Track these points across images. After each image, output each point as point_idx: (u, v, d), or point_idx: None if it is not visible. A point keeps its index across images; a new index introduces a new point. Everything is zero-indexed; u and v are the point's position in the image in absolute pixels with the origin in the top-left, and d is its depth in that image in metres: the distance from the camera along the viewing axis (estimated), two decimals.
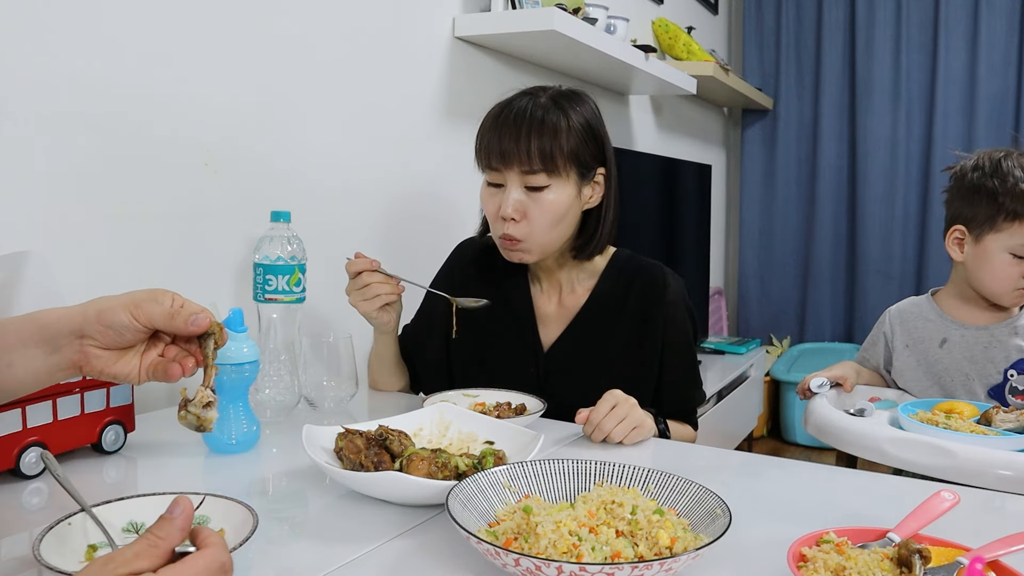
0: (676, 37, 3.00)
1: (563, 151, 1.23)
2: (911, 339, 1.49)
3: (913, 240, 3.68)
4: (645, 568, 0.64)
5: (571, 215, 1.29)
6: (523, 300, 1.40)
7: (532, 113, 1.24)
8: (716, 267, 3.94)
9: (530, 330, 1.38)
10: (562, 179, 1.25)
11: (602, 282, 1.38)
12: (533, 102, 1.26)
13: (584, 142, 1.26)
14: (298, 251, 1.23)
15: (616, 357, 1.34)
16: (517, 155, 1.23)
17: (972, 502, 0.90)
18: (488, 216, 1.32)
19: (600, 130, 1.31)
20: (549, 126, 1.23)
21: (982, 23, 3.47)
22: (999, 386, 1.39)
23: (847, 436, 1.25)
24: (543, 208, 1.25)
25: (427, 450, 0.91)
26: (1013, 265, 1.38)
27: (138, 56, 1.24)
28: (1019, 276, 1.38)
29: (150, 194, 1.28)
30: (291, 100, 1.52)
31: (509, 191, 1.25)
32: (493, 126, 1.27)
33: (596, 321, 1.36)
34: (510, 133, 1.24)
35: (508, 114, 1.26)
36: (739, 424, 3.21)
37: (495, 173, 1.27)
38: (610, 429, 1.11)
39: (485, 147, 1.27)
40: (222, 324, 0.77)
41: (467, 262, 1.46)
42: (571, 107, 1.27)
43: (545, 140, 1.23)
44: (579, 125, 1.26)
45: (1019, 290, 1.39)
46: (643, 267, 1.38)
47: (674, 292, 1.36)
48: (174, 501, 0.58)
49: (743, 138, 4.04)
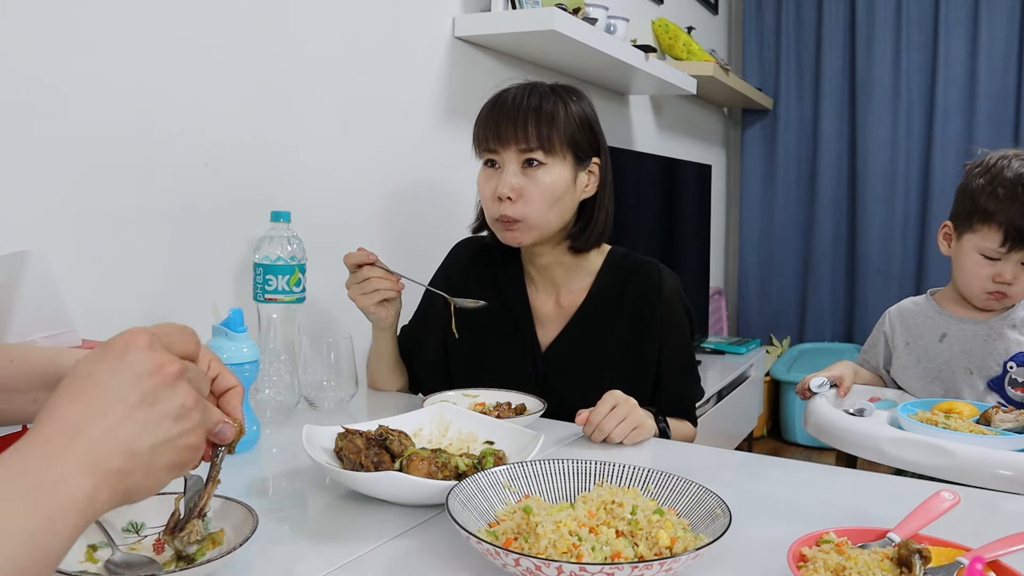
0: (676, 37, 3.00)
1: (560, 133, 1.26)
2: (911, 336, 1.50)
3: (913, 240, 3.67)
4: (645, 568, 0.64)
5: (567, 198, 1.30)
6: (520, 301, 1.40)
7: (530, 99, 1.27)
8: (716, 267, 3.94)
9: (528, 331, 1.38)
10: (558, 159, 1.27)
11: (599, 280, 1.38)
12: (531, 89, 1.29)
13: (580, 129, 1.29)
14: (298, 251, 1.23)
15: (614, 355, 1.35)
16: (514, 134, 1.25)
17: (972, 502, 0.90)
18: (484, 199, 1.33)
19: (596, 125, 1.34)
20: (547, 111, 1.26)
21: (982, 23, 3.47)
22: (998, 378, 1.40)
23: (847, 436, 1.26)
24: (539, 187, 1.26)
25: (427, 450, 0.91)
26: (982, 266, 1.38)
27: (138, 56, 1.24)
28: (987, 279, 1.38)
29: (150, 194, 1.28)
30: (291, 100, 1.52)
31: (506, 171, 1.27)
32: (491, 111, 1.29)
33: (594, 320, 1.36)
34: (508, 115, 1.26)
35: (506, 99, 1.29)
36: (739, 424, 3.21)
37: (492, 154, 1.29)
38: (610, 429, 1.11)
39: (482, 129, 1.30)
40: (242, 425, 0.68)
41: (464, 263, 1.46)
42: (569, 98, 1.30)
43: (543, 122, 1.25)
44: (576, 114, 1.29)
45: (988, 293, 1.39)
46: (639, 264, 1.38)
47: (670, 288, 1.36)
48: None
49: (743, 138, 4.04)
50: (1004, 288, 1.37)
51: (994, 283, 1.37)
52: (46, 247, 1.05)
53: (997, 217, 1.34)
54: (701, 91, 3.21)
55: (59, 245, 1.15)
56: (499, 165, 1.28)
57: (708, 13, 3.74)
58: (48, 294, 0.98)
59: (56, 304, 0.99)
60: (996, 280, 1.37)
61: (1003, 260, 1.35)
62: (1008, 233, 1.33)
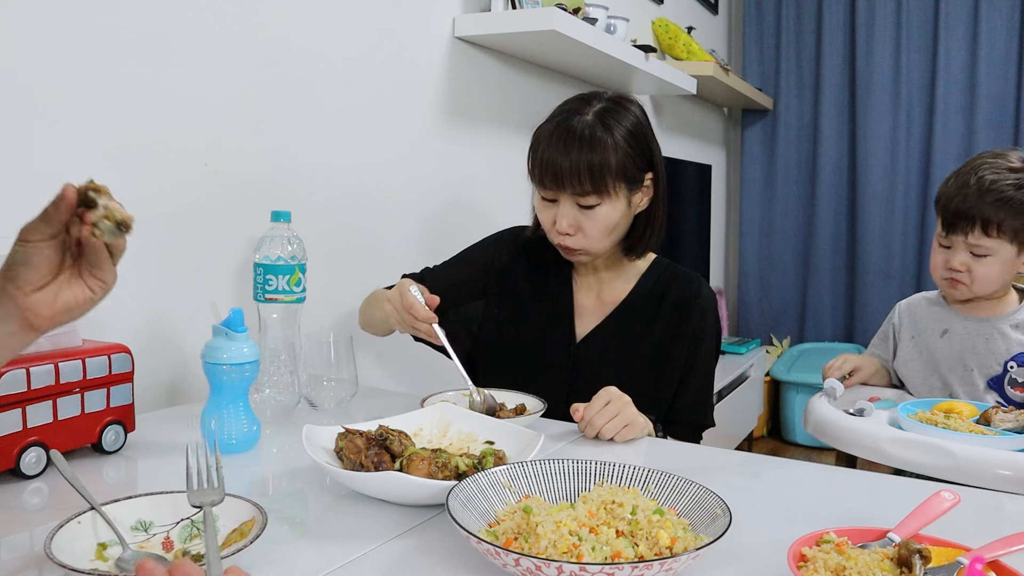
0: (676, 37, 3.00)
1: (611, 170, 1.27)
2: (916, 330, 1.52)
3: (913, 240, 3.68)
4: (645, 568, 0.64)
5: (623, 222, 1.34)
6: (564, 290, 1.43)
7: (580, 133, 1.27)
8: (716, 267, 3.94)
9: (567, 319, 1.41)
10: (612, 196, 1.29)
11: (641, 283, 1.42)
12: (580, 121, 1.28)
13: (630, 156, 1.29)
14: (298, 251, 1.23)
15: (645, 356, 1.37)
16: (568, 179, 1.26)
17: (972, 502, 0.90)
18: (544, 226, 1.36)
19: (645, 136, 1.33)
20: (598, 154, 1.26)
21: (982, 23, 3.47)
22: (998, 377, 1.40)
23: (847, 436, 1.26)
24: (596, 223, 1.29)
25: (427, 450, 0.91)
26: (938, 254, 1.45)
27: (138, 56, 1.24)
28: (941, 266, 1.44)
29: (150, 194, 1.28)
30: (291, 100, 1.52)
31: (563, 208, 1.30)
32: (546, 146, 1.29)
33: (631, 319, 1.39)
34: (560, 155, 1.27)
35: (559, 134, 1.28)
36: (739, 424, 3.22)
37: (548, 192, 1.31)
38: (601, 425, 1.12)
39: (538, 168, 1.30)
40: (98, 185, 0.71)
41: (519, 246, 1.48)
42: (616, 122, 1.29)
43: (595, 162, 1.25)
44: (624, 140, 1.28)
45: (945, 280, 1.45)
46: (680, 273, 1.43)
47: (706, 299, 1.40)
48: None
49: (743, 138, 4.04)
50: (957, 275, 1.42)
51: (947, 269, 1.43)
52: None
53: (940, 203, 1.43)
54: (701, 91, 3.21)
55: None
56: (555, 200, 1.31)
57: (708, 13, 3.74)
58: None
59: None
60: (947, 267, 1.43)
61: (953, 248, 1.42)
62: (945, 218, 1.41)
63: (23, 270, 0.72)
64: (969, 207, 1.37)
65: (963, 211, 1.37)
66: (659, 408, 1.35)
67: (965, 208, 1.37)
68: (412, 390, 1.49)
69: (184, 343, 1.35)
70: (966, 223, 1.38)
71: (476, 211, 2.06)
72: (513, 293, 1.45)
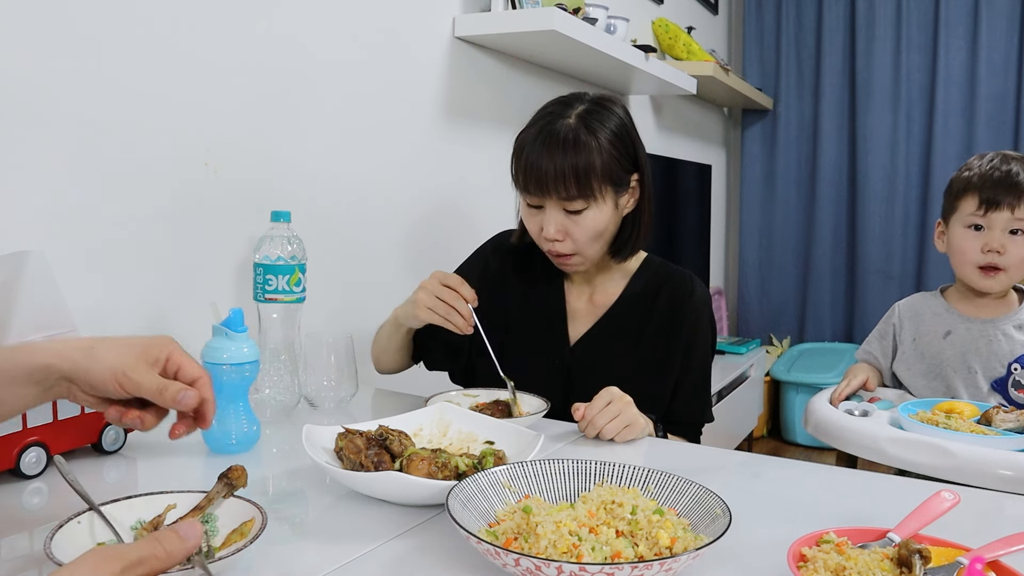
0: (676, 37, 3.00)
1: (597, 173, 1.25)
2: (918, 332, 1.51)
3: (913, 240, 3.68)
4: (645, 568, 0.64)
5: (611, 225, 1.32)
6: (556, 294, 1.42)
7: (564, 137, 1.25)
8: (716, 267, 3.94)
9: (559, 323, 1.40)
10: (599, 199, 1.27)
11: (633, 283, 1.41)
12: (563, 125, 1.26)
13: (615, 158, 1.27)
14: (298, 251, 1.23)
15: (640, 356, 1.36)
16: (553, 184, 1.24)
17: (972, 502, 0.90)
18: (532, 234, 1.34)
19: (630, 136, 1.32)
20: (582, 150, 1.24)
21: (982, 23, 3.47)
22: (1002, 379, 1.40)
23: (847, 436, 1.26)
24: (584, 227, 1.28)
25: (427, 450, 0.91)
26: (969, 240, 1.41)
27: (138, 56, 1.24)
28: (977, 251, 1.39)
29: (150, 194, 1.28)
30: (291, 100, 1.52)
31: (549, 214, 1.28)
32: (529, 151, 1.27)
33: (624, 320, 1.38)
34: (544, 161, 1.25)
35: (542, 139, 1.26)
36: (739, 424, 3.22)
37: (533, 198, 1.29)
38: (602, 425, 1.12)
39: (522, 174, 1.28)
40: (242, 468, 0.73)
41: (505, 252, 1.47)
42: (599, 124, 1.27)
43: (580, 165, 1.23)
44: (608, 142, 1.26)
45: (981, 269, 1.40)
46: (673, 272, 1.41)
47: (700, 298, 1.38)
48: (190, 525, 0.58)
49: (743, 138, 4.04)
50: (995, 259, 1.38)
51: (984, 254, 1.38)
52: (46, 247, 1.05)
53: (971, 187, 1.40)
54: (701, 91, 3.20)
55: (59, 245, 1.15)
56: (541, 206, 1.29)
57: (708, 13, 3.74)
58: (48, 294, 0.98)
59: (56, 304, 0.99)
60: (985, 250, 1.38)
61: (987, 228, 1.38)
62: (983, 195, 1.37)
63: (92, 388, 0.74)
64: (1014, 179, 1.33)
65: (1011, 183, 1.32)
66: (657, 407, 1.34)
67: (1011, 182, 1.33)
68: (412, 390, 1.48)
69: (184, 343, 1.33)
70: (1014, 197, 1.33)
71: (476, 211, 2.06)
72: (504, 300, 1.42)
